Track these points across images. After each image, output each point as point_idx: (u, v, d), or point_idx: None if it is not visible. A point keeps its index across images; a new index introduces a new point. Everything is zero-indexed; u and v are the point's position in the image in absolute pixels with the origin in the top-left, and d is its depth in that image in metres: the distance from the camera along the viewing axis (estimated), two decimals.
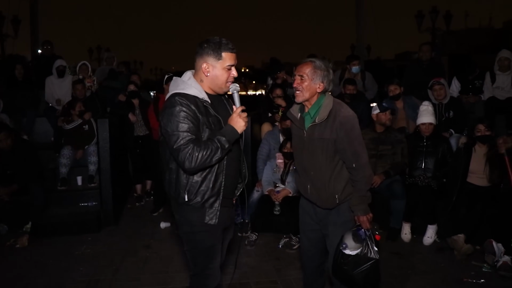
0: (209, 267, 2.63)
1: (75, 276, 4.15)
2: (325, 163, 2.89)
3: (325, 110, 2.83)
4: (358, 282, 2.90)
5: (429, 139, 5.15)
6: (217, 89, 2.59)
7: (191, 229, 2.57)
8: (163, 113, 2.45)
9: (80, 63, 7.56)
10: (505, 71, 6.24)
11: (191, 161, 2.34)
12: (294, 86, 2.90)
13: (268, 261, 4.50)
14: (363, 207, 2.91)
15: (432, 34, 17.45)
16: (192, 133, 2.39)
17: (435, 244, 4.90)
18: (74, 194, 5.73)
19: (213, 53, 2.50)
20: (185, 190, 2.49)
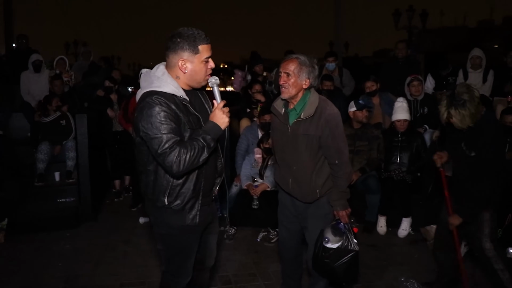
0: (183, 266, 2.61)
1: (53, 272, 4.14)
2: (308, 159, 2.95)
3: (311, 106, 2.89)
4: (339, 274, 3.00)
5: (404, 134, 5.27)
6: (196, 84, 2.46)
7: (168, 232, 2.51)
8: (140, 115, 2.28)
9: (57, 58, 7.48)
10: (476, 69, 6.41)
11: (179, 165, 2.23)
12: (280, 84, 2.92)
13: (246, 254, 4.56)
14: (342, 202, 3.00)
15: (409, 32, 17.76)
16: (176, 134, 2.27)
17: (410, 236, 5.05)
18: (51, 190, 5.66)
19: (189, 48, 2.34)
20: (165, 193, 2.40)
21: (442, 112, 3.16)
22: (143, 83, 2.43)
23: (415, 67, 6.91)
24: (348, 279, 3.09)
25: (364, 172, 5.12)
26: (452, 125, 3.21)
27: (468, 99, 3.07)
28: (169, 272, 2.63)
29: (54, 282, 3.93)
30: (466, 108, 3.06)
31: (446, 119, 3.17)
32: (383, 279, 3.99)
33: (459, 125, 3.12)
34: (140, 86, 2.43)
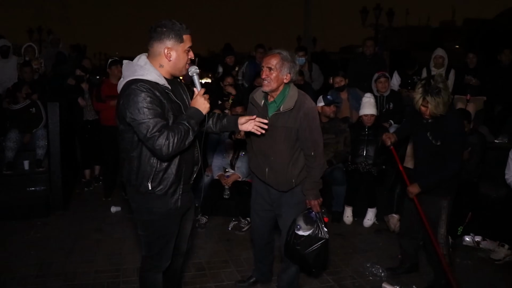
0: (164, 250, 2.69)
1: (26, 260, 4.15)
2: (286, 150, 3.08)
3: (291, 100, 3.01)
4: (309, 261, 3.14)
5: (370, 128, 5.49)
6: (177, 72, 2.56)
7: (150, 217, 2.59)
8: (127, 102, 2.35)
9: (26, 45, 7.37)
10: (439, 68, 6.71)
11: (168, 147, 2.32)
12: (262, 77, 3.01)
13: (218, 242, 4.69)
14: (315, 192, 3.15)
15: (375, 29, 18.19)
16: (162, 119, 2.37)
17: (374, 225, 5.28)
18: (21, 179, 5.61)
19: (174, 37, 2.44)
20: (148, 178, 2.48)
21: (417, 99, 3.39)
22: (126, 72, 2.49)
23: (382, 64, 7.17)
24: (317, 265, 3.26)
25: (331, 164, 5.30)
26: (420, 115, 3.44)
27: (443, 88, 3.32)
28: (150, 257, 2.71)
29: (26, 269, 3.94)
30: (440, 96, 3.29)
31: (420, 105, 3.39)
32: (350, 265, 4.19)
33: (433, 111, 3.34)
34: (122, 76, 2.49)
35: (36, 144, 5.74)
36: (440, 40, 43.35)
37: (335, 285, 3.79)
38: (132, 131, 2.41)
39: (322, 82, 7.44)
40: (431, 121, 3.47)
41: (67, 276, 3.82)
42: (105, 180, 6.28)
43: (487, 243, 4.66)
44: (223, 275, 3.93)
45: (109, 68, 6.03)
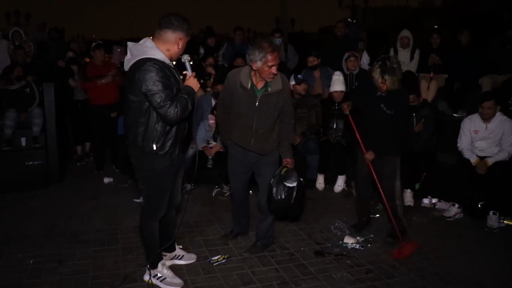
0: (161, 201, 3.25)
1: (31, 224, 4.64)
2: (272, 123, 3.68)
3: (278, 81, 3.54)
4: (296, 207, 3.81)
5: (340, 103, 6.02)
6: (175, 58, 3.11)
7: (151, 173, 3.13)
8: (143, 77, 2.83)
9: (12, 30, 7.73)
10: (405, 48, 7.26)
11: (176, 114, 2.88)
12: (274, 73, 3.43)
13: (203, 206, 5.24)
14: (290, 152, 3.80)
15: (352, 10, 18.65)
16: (171, 91, 2.92)
17: (344, 191, 5.86)
18: (19, 154, 6.02)
19: (186, 30, 3.02)
20: (154, 140, 3.00)
21: (376, 78, 4.00)
22: (135, 51, 2.98)
23: (352, 45, 7.69)
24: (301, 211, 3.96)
25: (305, 136, 5.86)
26: (375, 90, 4.04)
27: (397, 67, 3.97)
28: (149, 207, 3.28)
29: (34, 231, 4.44)
30: (395, 74, 3.93)
31: (380, 83, 3.99)
32: (320, 222, 4.77)
33: (390, 87, 3.96)
34: (131, 54, 3.00)
35: (32, 122, 6.15)
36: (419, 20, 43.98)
37: (306, 238, 4.37)
38: (141, 100, 2.94)
39: (297, 61, 7.91)
40: (385, 95, 4.07)
41: (71, 235, 4.34)
42: (95, 155, 6.74)
43: (441, 204, 5.27)
44: (209, 231, 4.50)
45: (93, 52, 6.48)
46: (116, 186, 5.84)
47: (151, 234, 3.33)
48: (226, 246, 4.13)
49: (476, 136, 5.18)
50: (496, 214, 4.68)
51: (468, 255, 4.05)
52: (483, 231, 4.62)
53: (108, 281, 3.45)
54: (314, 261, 3.89)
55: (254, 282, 3.51)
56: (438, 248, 4.19)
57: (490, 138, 5.11)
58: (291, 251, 4.07)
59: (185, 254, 3.80)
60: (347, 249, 4.14)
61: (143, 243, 3.50)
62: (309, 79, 6.74)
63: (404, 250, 4.03)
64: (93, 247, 4.07)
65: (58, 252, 3.96)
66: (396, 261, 3.90)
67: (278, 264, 3.80)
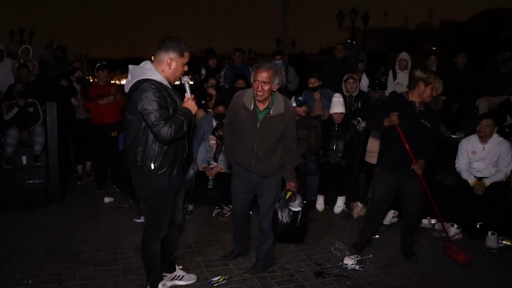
0: (163, 221, 3.29)
1: (32, 242, 4.64)
2: (273, 146, 3.70)
3: (280, 105, 3.58)
4: (301, 231, 3.86)
5: (339, 125, 6.11)
6: (173, 79, 3.18)
7: (152, 193, 3.18)
8: (140, 96, 2.93)
9: (23, 47, 7.88)
10: (403, 70, 7.38)
11: (170, 133, 2.94)
12: (257, 90, 3.49)
13: (204, 226, 5.25)
14: (294, 175, 3.84)
15: (352, 32, 18.90)
16: (166, 111, 2.99)
17: (343, 212, 5.88)
18: (20, 173, 6.08)
19: (178, 51, 3.08)
20: (152, 160, 3.06)
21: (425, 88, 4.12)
22: (135, 73, 3.09)
23: (352, 66, 7.81)
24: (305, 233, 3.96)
25: (305, 157, 5.90)
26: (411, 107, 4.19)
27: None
28: (151, 227, 3.30)
29: (34, 249, 4.45)
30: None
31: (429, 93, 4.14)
32: (320, 243, 4.78)
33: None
34: (131, 76, 3.11)
35: (34, 141, 6.21)
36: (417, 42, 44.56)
37: (306, 258, 4.38)
38: (139, 120, 3.02)
39: (298, 83, 8.00)
40: (423, 109, 4.21)
41: (71, 254, 4.34)
42: (96, 174, 6.77)
43: (440, 225, 5.31)
44: (209, 251, 4.50)
45: (97, 72, 6.56)
46: (117, 206, 5.85)
47: (153, 254, 3.35)
48: (226, 267, 4.13)
49: (473, 157, 5.24)
50: (495, 235, 4.72)
51: (467, 276, 4.08)
52: (482, 251, 4.65)
53: None
54: (314, 282, 3.89)
55: None
56: (438, 268, 4.22)
57: (487, 159, 5.17)
58: (291, 272, 4.07)
59: (185, 275, 3.80)
60: (347, 269, 4.14)
61: (144, 263, 3.51)
62: (309, 100, 6.81)
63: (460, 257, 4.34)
64: (93, 267, 4.06)
65: (58, 271, 3.96)
66: (396, 281, 3.91)
67: (278, 285, 3.81)
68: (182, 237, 4.83)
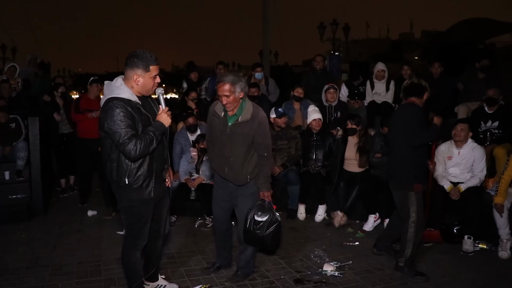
0: (141, 232, 3.36)
1: (15, 256, 4.66)
2: (243, 152, 3.78)
3: (248, 112, 3.71)
4: (267, 242, 3.85)
5: (318, 134, 6.24)
6: (145, 93, 3.23)
7: (130, 204, 3.26)
8: (105, 115, 3.00)
9: (9, 65, 7.89)
10: (380, 80, 7.58)
11: (136, 151, 2.99)
12: (224, 104, 3.67)
13: (186, 237, 5.32)
14: (267, 185, 3.87)
15: (333, 43, 19.20)
16: (132, 129, 3.01)
17: (324, 220, 6.00)
18: (2, 188, 6.09)
19: (142, 66, 3.09)
20: (125, 175, 3.12)
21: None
22: (106, 91, 3.15)
23: (331, 77, 7.97)
24: (273, 245, 3.95)
25: (285, 167, 6.02)
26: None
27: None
28: (130, 237, 3.38)
29: (17, 263, 4.48)
30: None
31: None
32: (300, 251, 4.88)
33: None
34: (104, 94, 3.18)
35: (17, 156, 6.25)
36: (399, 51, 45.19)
37: (286, 266, 4.47)
38: (109, 137, 3.08)
39: (278, 94, 8.13)
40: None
41: (54, 267, 4.38)
42: (80, 188, 6.79)
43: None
44: (191, 262, 4.57)
45: (90, 85, 6.59)
46: (100, 219, 5.90)
47: (133, 263, 3.42)
48: (207, 276, 4.20)
49: (449, 162, 5.37)
50: (471, 238, 4.86)
51: (444, 279, 4.20)
52: (458, 255, 4.79)
53: None
54: None
55: None
56: None
57: (462, 164, 5.30)
58: (272, 279, 4.16)
59: (167, 284, 3.86)
60: (326, 276, 4.24)
61: (125, 273, 3.56)
62: (289, 111, 6.97)
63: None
64: (75, 279, 4.11)
65: (41, 284, 4.00)
66: (374, 287, 4.03)
67: None
68: (164, 248, 4.87)
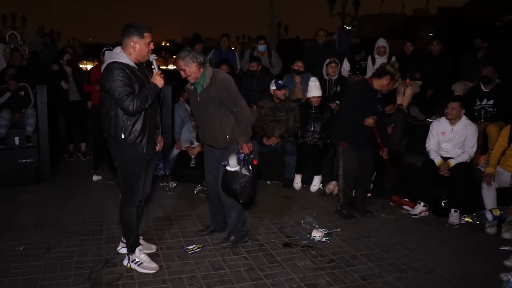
0: (135, 187, 3.68)
1: (24, 215, 4.98)
2: (215, 114, 4.02)
3: (208, 78, 3.96)
4: (236, 192, 3.99)
5: (317, 107, 6.39)
6: (141, 59, 3.56)
7: (124, 160, 3.60)
8: (106, 76, 3.37)
9: (9, 33, 8.09)
10: (382, 56, 7.68)
11: (133, 106, 3.35)
12: (183, 77, 4.01)
13: (185, 202, 5.59)
14: (245, 137, 4.00)
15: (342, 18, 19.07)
16: (129, 87, 3.38)
17: (319, 191, 6.20)
18: (12, 152, 6.38)
19: (137, 34, 3.45)
20: (122, 130, 3.47)
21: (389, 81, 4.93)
22: (107, 58, 3.51)
23: (333, 52, 8.07)
24: (243, 196, 4.04)
25: (283, 138, 6.22)
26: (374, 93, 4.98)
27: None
28: (126, 193, 3.72)
29: (26, 221, 4.79)
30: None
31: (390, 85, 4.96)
32: (292, 218, 5.11)
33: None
34: (104, 60, 3.54)
35: (26, 122, 6.51)
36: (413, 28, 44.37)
37: (277, 231, 4.73)
38: (109, 97, 3.43)
39: (281, 67, 8.26)
40: (380, 97, 4.96)
41: (59, 226, 4.69)
42: (94, 154, 6.96)
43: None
44: (187, 224, 4.85)
45: (102, 55, 6.78)
46: (104, 183, 6.19)
47: (129, 218, 3.74)
48: (202, 237, 4.48)
49: (442, 137, 5.52)
50: (457, 212, 5.05)
51: (426, 248, 4.42)
52: (444, 227, 4.99)
53: (91, 266, 3.80)
54: (282, 252, 4.24)
55: (224, 268, 3.87)
56: (400, 242, 4.56)
57: (454, 140, 5.45)
58: (262, 242, 4.42)
59: (144, 244, 4.08)
60: (314, 241, 4.49)
61: (122, 227, 3.89)
62: (290, 84, 7.12)
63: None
64: (79, 237, 4.41)
65: (47, 240, 4.31)
66: (358, 252, 4.26)
67: (247, 254, 4.16)
68: (162, 211, 5.20)
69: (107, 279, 3.61)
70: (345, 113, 5.10)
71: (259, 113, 6.42)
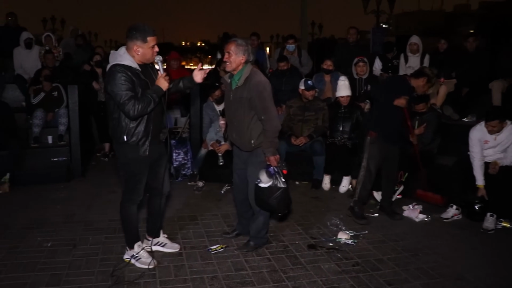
0: (136, 187, 3.70)
1: (54, 212, 5.11)
2: (243, 116, 3.90)
3: (243, 77, 3.84)
4: (273, 207, 3.96)
5: (346, 107, 6.28)
6: (146, 61, 3.55)
7: (126, 161, 3.61)
8: (108, 79, 3.37)
9: (45, 34, 8.33)
10: (414, 53, 7.47)
11: (134, 111, 3.33)
12: (224, 60, 3.92)
13: (211, 201, 5.59)
14: (272, 150, 3.87)
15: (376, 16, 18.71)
16: (131, 91, 3.35)
17: (348, 192, 6.06)
18: (45, 151, 6.57)
19: (140, 38, 3.41)
20: (124, 132, 3.47)
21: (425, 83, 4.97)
22: (111, 59, 3.50)
23: (364, 50, 7.91)
24: (281, 209, 4.05)
25: (311, 138, 6.13)
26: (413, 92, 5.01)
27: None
28: (126, 191, 3.76)
29: (55, 218, 4.91)
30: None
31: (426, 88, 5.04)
32: (320, 220, 5.02)
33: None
34: (109, 61, 3.53)
35: (58, 122, 6.70)
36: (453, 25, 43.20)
37: (302, 232, 4.65)
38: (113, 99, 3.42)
39: (311, 66, 8.18)
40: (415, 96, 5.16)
41: (86, 223, 4.78)
42: None
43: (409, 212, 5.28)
44: (212, 224, 4.83)
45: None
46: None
47: (128, 216, 3.81)
48: (226, 238, 4.45)
49: (485, 145, 5.15)
50: (493, 216, 4.80)
51: (457, 253, 4.23)
52: (477, 232, 4.75)
53: (114, 263, 3.84)
54: (306, 253, 4.16)
55: (246, 269, 3.82)
56: (430, 246, 4.38)
57: (498, 147, 5.10)
58: (286, 243, 4.36)
59: (168, 243, 4.14)
60: (340, 243, 4.39)
61: (122, 224, 3.95)
62: (320, 83, 7.02)
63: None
64: (105, 234, 4.48)
65: (74, 237, 4.40)
66: (384, 256, 4.13)
67: (271, 255, 4.10)
68: (188, 210, 5.21)
69: (129, 277, 3.64)
70: (376, 92, 5.18)
71: (287, 113, 6.36)
